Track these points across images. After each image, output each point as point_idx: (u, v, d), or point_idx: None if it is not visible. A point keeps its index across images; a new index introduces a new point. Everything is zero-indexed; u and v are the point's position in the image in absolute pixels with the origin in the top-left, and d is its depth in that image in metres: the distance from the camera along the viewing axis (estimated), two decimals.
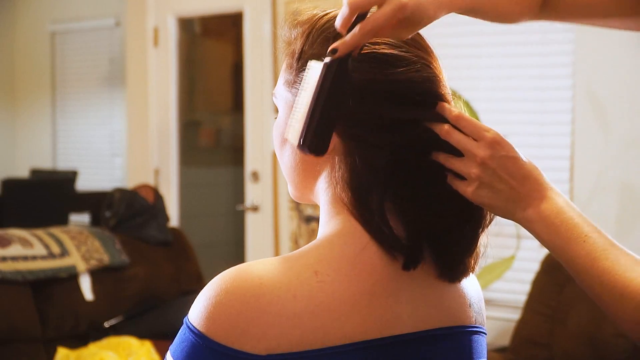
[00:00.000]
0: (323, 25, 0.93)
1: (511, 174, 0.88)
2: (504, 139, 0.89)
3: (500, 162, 0.88)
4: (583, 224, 0.87)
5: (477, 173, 0.87)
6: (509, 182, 0.88)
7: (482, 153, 0.87)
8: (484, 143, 0.88)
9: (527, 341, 3.05)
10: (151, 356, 3.15)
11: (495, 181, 0.88)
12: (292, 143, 0.90)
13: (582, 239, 0.86)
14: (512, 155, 0.88)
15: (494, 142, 0.88)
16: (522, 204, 0.88)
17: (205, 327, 0.82)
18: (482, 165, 0.87)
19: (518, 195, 0.88)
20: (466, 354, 0.93)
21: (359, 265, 0.86)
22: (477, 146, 0.88)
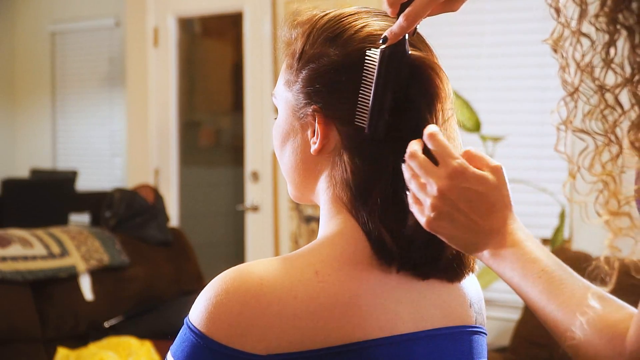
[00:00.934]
0: (324, 25, 0.93)
1: (472, 207, 0.83)
2: (469, 171, 0.83)
3: (460, 193, 0.83)
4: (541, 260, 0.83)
5: (435, 203, 0.83)
6: (470, 215, 0.83)
7: (441, 183, 0.83)
8: (445, 172, 0.83)
9: (527, 341, 3.05)
10: (151, 356, 3.15)
11: (454, 212, 0.83)
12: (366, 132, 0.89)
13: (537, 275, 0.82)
14: (474, 188, 0.83)
15: (456, 172, 0.83)
16: (481, 238, 0.84)
17: (206, 327, 0.82)
18: (440, 196, 0.83)
19: (479, 228, 0.84)
20: (466, 354, 0.93)
21: (360, 265, 0.86)
22: (438, 175, 0.83)
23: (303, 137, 0.94)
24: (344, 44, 0.91)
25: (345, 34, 0.92)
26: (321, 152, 0.92)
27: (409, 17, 0.86)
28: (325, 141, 0.92)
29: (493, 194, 0.84)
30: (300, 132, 0.94)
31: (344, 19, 0.93)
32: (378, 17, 0.94)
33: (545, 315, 0.83)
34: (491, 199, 0.84)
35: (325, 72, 0.91)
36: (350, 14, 0.94)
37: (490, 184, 0.84)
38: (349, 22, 0.93)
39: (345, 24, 0.92)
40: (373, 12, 0.95)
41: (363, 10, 0.95)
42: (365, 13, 0.94)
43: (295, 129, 0.95)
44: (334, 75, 0.90)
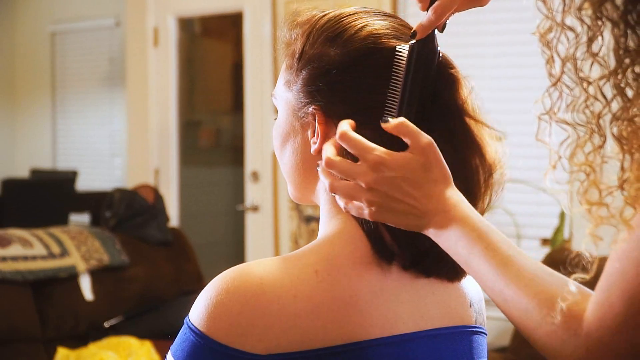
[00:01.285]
0: (324, 25, 0.94)
1: (405, 193, 0.83)
2: (389, 159, 0.83)
3: (389, 182, 0.82)
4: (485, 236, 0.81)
5: (368, 198, 0.83)
6: (405, 201, 0.83)
7: (367, 178, 0.83)
8: (367, 166, 0.83)
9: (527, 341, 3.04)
10: (151, 356, 3.15)
11: (390, 202, 0.83)
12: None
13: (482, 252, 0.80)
14: (400, 175, 0.82)
15: (377, 163, 0.83)
16: (424, 220, 0.83)
17: (206, 327, 0.82)
18: (370, 191, 0.83)
19: (418, 211, 0.83)
20: (467, 354, 0.93)
21: (360, 265, 0.87)
22: (360, 172, 0.83)
23: (303, 137, 0.94)
24: (344, 44, 0.91)
25: (346, 33, 0.92)
26: (321, 152, 0.92)
27: (437, 11, 0.87)
28: (326, 141, 0.92)
29: (421, 176, 0.83)
30: (301, 132, 0.94)
31: (344, 18, 0.93)
32: (377, 16, 0.94)
33: (493, 293, 0.82)
34: (420, 180, 0.83)
35: (325, 72, 0.91)
36: (350, 14, 0.94)
37: (415, 165, 0.83)
38: (348, 22, 0.93)
39: (345, 24, 0.92)
40: (372, 12, 0.95)
41: (362, 10, 0.95)
42: (364, 13, 0.94)
43: (295, 129, 0.95)
44: (334, 75, 0.90)
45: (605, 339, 0.73)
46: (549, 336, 0.77)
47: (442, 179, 0.84)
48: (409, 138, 0.84)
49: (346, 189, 0.85)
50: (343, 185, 0.85)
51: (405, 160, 0.83)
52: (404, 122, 0.84)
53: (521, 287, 0.79)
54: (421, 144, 0.83)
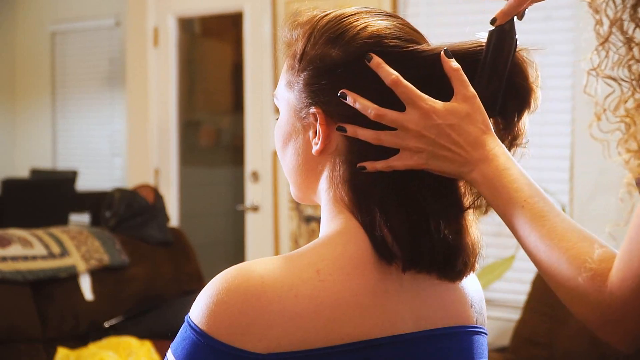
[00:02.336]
0: (325, 26, 0.94)
1: (452, 140, 0.87)
2: (438, 107, 0.87)
3: (438, 130, 0.87)
4: (523, 189, 0.87)
5: (417, 145, 0.87)
6: (451, 149, 0.87)
7: (417, 125, 0.87)
8: (418, 113, 0.87)
9: (527, 341, 3.05)
10: (151, 356, 3.15)
11: (437, 149, 0.87)
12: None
13: (520, 204, 0.86)
14: (449, 122, 0.87)
15: (428, 111, 0.87)
16: (468, 167, 0.88)
17: (207, 326, 0.82)
18: (421, 137, 0.87)
19: (462, 158, 0.88)
20: (467, 353, 0.93)
21: (361, 265, 0.87)
22: (411, 119, 0.87)
23: (305, 137, 0.94)
24: (345, 44, 0.91)
25: (347, 34, 0.92)
26: (323, 153, 0.92)
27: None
28: (327, 141, 0.92)
29: (466, 123, 0.88)
30: (302, 132, 0.94)
31: (345, 19, 0.93)
32: (379, 16, 0.94)
33: (527, 245, 0.86)
34: (466, 128, 0.88)
35: (326, 73, 0.91)
36: (351, 14, 0.94)
37: (462, 114, 0.88)
38: (350, 22, 0.93)
39: (346, 24, 0.92)
40: (374, 12, 0.95)
41: (363, 10, 0.95)
42: (365, 13, 0.94)
43: (296, 129, 0.95)
44: (335, 76, 0.90)
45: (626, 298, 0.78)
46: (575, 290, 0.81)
47: (485, 128, 0.89)
48: (459, 85, 0.89)
49: (394, 137, 0.88)
50: (390, 134, 0.88)
51: (453, 108, 0.88)
52: (459, 68, 0.89)
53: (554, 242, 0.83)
54: (468, 93, 0.89)
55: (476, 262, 0.94)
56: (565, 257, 0.82)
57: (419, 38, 0.94)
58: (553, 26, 3.37)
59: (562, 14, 3.35)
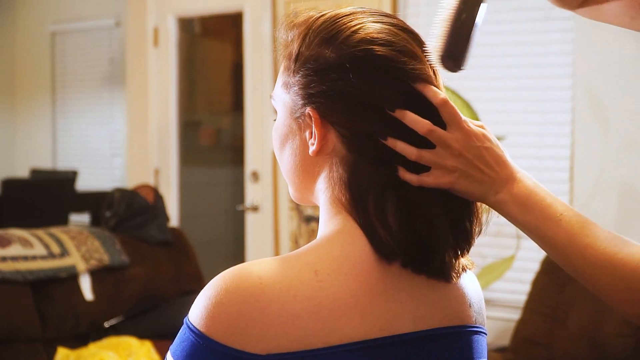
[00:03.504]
0: (319, 27, 0.94)
1: (486, 163, 0.91)
2: (478, 130, 0.92)
3: (475, 152, 0.91)
4: (556, 204, 0.91)
5: (454, 165, 0.90)
6: (483, 170, 0.91)
7: (459, 144, 0.91)
8: (460, 134, 0.91)
9: (527, 341, 3.05)
10: (151, 356, 3.15)
11: (471, 170, 0.91)
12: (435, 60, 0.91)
13: (557, 217, 0.90)
14: (486, 145, 0.92)
15: (469, 133, 0.91)
16: (494, 188, 0.92)
17: (206, 327, 0.82)
18: (459, 157, 0.91)
19: (491, 180, 0.92)
20: (466, 353, 0.93)
21: (359, 265, 0.87)
22: (454, 138, 0.90)
23: (301, 138, 0.94)
24: (339, 45, 0.91)
25: (341, 35, 0.92)
26: (319, 153, 0.92)
27: None
28: (323, 142, 0.92)
29: (496, 148, 0.93)
30: (299, 133, 0.95)
31: (340, 19, 0.93)
32: (374, 16, 0.94)
33: (567, 258, 0.89)
34: (497, 152, 0.93)
35: (321, 73, 0.91)
36: (346, 14, 0.94)
37: (491, 138, 0.93)
38: (344, 23, 0.93)
39: (340, 25, 0.93)
40: (369, 12, 0.95)
41: (359, 11, 0.95)
42: (361, 13, 0.94)
43: (293, 130, 0.95)
44: (330, 76, 0.90)
45: None
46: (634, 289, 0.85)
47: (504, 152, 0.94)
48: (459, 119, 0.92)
49: (434, 155, 0.90)
50: (430, 152, 0.90)
51: (486, 133, 0.93)
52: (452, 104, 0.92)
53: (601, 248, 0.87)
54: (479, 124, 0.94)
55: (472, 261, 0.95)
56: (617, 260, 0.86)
57: (413, 40, 0.94)
58: (553, 26, 3.37)
59: (562, 14, 3.35)
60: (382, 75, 0.90)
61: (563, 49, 3.35)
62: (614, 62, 3.20)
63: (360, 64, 0.90)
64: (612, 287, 0.87)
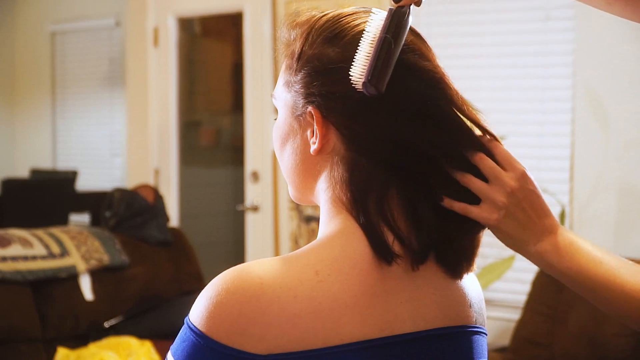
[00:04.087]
0: (322, 26, 0.94)
1: (533, 207, 0.92)
2: (529, 175, 0.93)
3: (526, 194, 0.91)
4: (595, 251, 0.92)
5: (505, 202, 0.91)
6: (530, 215, 0.92)
7: (513, 183, 0.91)
8: (515, 174, 0.91)
9: (527, 341, 3.05)
10: (151, 356, 3.15)
11: (518, 212, 0.91)
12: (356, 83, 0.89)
13: (598, 261, 0.91)
14: (536, 190, 0.92)
15: (524, 174, 0.92)
16: (537, 237, 0.92)
17: (206, 327, 0.82)
18: (511, 195, 0.91)
19: (535, 226, 0.92)
20: (466, 354, 0.93)
21: (360, 265, 0.86)
22: (508, 176, 0.91)
23: (302, 137, 0.94)
24: (342, 44, 0.91)
25: (344, 33, 0.92)
26: (320, 152, 0.92)
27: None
28: (325, 141, 0.92)
29: (542, 197, 0.93)
30: (300, 132, 0.94)
31: (343, 19, 0.93)
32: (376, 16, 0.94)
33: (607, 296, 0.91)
34: (542, 200, 0.93)
35: (323, 72, 0.91)
36: (349, 14, 0.94)
37: (537, 187, 0.94)
38: (347, 22, 0.93)
39: (343, 24, 0.93)
40: (371, 12, 0.95)
41: (361, 10, 0.95)
42: (363, 13, 0.94)
43: (294, 129, 0.95)
44: (332, 75, 0.90)
45: None
46: None
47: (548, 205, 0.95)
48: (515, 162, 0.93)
49: (490, 190, 0.91)
50: (488, 186, 0.91)
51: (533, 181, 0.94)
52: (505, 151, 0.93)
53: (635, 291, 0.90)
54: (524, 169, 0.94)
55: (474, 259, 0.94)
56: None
57: (417, 38, 0.94)
58: (553, 26, 3.37)
59: (562, 14, 3.35)
60: None
61: (563, 49, 3.35)
62: (614, 62, 3.20)
63: None
64: None
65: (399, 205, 0.89)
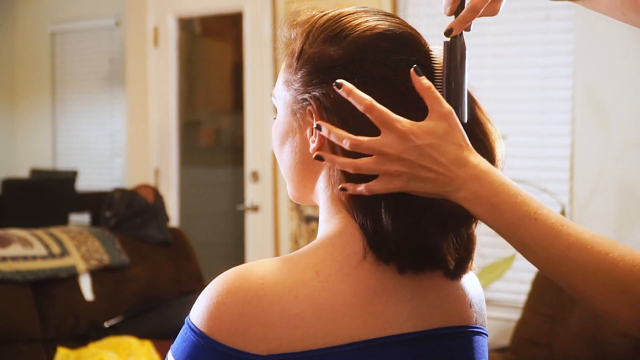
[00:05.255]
0: (323, 24, 0.94)
1: (433, 160, 0.84)
2: (415, 128, 0.84)
3: (417, 152, 0.84)
4: (528, 202, 0.83)
5: (397, 169, 0.84)
6: (433, 169, 0.84)
7: (396, 148, 0.84)
8: (395, 137, 0.84)
9: (527, 341, 3.05)
10: (151, 356, 3.15)
11: (419, 170, 0.84)
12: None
13: (531, 216, 0.82)
14: (428, 142, 0.84)
15: (406, 132, 0.84)
16: (452, 186, 0.84)
17: (207, 327, 0.82)
18: (399, 161, 0.84)
19: (447, 178, 0.84)
20: (467, 354, 0.93)
21: (360, 265, 0.87)
22: (388, 143, 0.84)
23: (302, 136, 0.94)
24: (343, 43, 0.91)
25: (345, 32, 0.92)
26: (320, 151, 0.92)
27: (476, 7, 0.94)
28: (324, 140, 0.92)
29: (446, 142, 0.84)
30: (299, 131, 0.94)
31: (343, 18, 0.93)
32: (377, 16, 0.94)
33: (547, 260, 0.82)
34: (446, 147, 0.84)
35: (324, 70, 0.91)
36: (350, 13, 0.94)
37: (439, 132, 0.85)
38: (348, 21, 0.93)
39: (344, 23, 0.93)
40: (372, 12, 0.95)
41: (362, 10, 0.95)
42: (364, 12, 0.94)
43: (293, 128, 0.95)
44: (332, 73, 0.90)
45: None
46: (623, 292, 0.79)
47: (465, 144, 0.86)
48: (433, 102, 0.86)
49: (373, 164, 0.85)
50: (368, 161, 0.85)
51: (430, 128, 0.85)
52: (431, 86, 0.86)
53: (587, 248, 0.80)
54: (443, 110, 0.85)
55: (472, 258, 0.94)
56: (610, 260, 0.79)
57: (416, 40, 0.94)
58: (553, 26, 3.37)
59: (562, 14, 3.35)
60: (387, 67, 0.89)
61: (563, 49, 3.35)
62: (614, 63, 3.20)
63: (366, 57, 0.90)
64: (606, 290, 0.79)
65: (397, 205, 0.89)
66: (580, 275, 0.81)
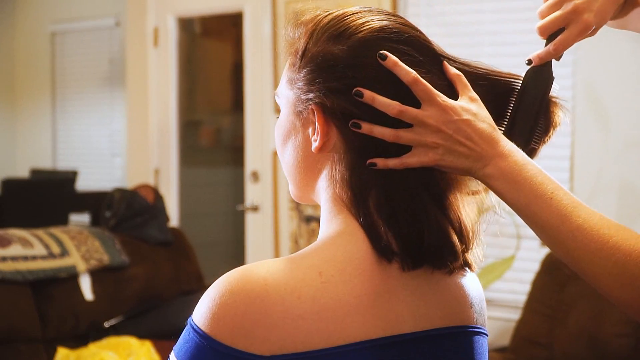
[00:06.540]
0: (327, 24, 0.94)
1: (467, 136, 0.89)
2: (455, 104, 0.89)
3: (454, 126, 0.88)
4: (547, 182, 0.87)
5: (435, 140, 0.88)
6: (466, 144, 0.89)
7: (436, 120, 0.88)
8: (436, 110, 0.89)
9: (527, 341, 3.05)
10: (151, 356, 3.15)
11: (454, 144, 0.89)
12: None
13: (547, 196, 0.86)
14: (464, 118, 0.89)
15: (445, 107, 0.89)
16: (481, 162, 0.89)
17: (210, 328, 0.82)
18: (438, 132, 0.88)
19: (477, 154, 0.89)
20: (467, 354, 0.93)
21: (362, 265, 0.87)
22: (431, 115, 0.88)
23: (304, 135, 0.94)
24: (347, 42, 0.91)
25: (349, 31, 0.92)
26: (322, 150, 0.92)
27: (558, 47, 0.98)
28: (326, 139, 0.92)
29: (478, 120, 0.90)
30: (302, 130, 0.95)
31: (348, 17, 0.94)
32: (380, 15, 0.94)
33: (557, 240, 0.86)
34: (479, 125, 0.89)
35: (327, 70, 0.91)
36: (353, 12, 0.95)
37: (472, 111, 0.90)
38: (352, 20, 0.93)
39: (348, 22, 0.93)
40: (375, 12, 0.95)
41: (365, 10, 0.95)
42: (367, 12, 0.95)
43: (296, 127, 0.95)
44: (335, 73, 0.91)
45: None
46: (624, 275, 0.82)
47: (493, 127, 0.91)
48: (464, 87, 0.92)
49: (412, 134, 0.89)
50: (408, 131, 0.89)
51: (466, 106, 0.90)
52: (461, 74, 0.92)
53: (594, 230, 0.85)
54: (473, 95, 0.92)
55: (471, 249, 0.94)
56: (607, 248, 0.83)
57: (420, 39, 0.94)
58: None
59: None
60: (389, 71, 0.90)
61: None
62: (614, 62, 3.20)
63: (369, 56, 0.90)
64: (605, 271, 0.83)
65: (398, 204, 0.89)
66: (583, 256, 0.84)
